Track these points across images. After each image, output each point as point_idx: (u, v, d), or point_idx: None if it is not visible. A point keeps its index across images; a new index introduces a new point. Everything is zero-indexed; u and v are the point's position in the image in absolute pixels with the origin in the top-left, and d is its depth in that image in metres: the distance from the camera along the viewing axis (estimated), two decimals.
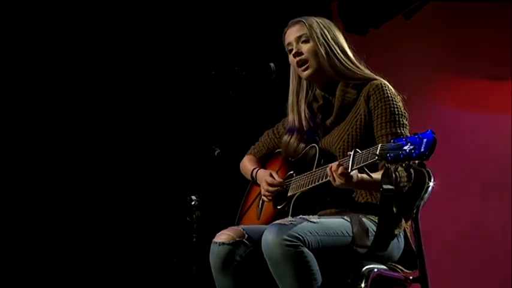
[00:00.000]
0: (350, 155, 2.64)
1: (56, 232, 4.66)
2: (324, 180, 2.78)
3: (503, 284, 4.38)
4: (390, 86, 2.95)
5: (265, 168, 3.26)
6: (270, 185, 3.06)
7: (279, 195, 3.06)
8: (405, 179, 2.82)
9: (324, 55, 2.96)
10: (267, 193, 3.08)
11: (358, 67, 2.99)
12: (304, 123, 3.06)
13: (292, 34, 3.02)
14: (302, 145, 3.05)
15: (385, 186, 2.64)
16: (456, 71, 4.63)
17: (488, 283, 4.43)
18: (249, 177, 3.28)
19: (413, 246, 2.95)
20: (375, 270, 2.79)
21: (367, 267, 2.78)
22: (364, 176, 2.70)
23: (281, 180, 3.06)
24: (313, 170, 2.89)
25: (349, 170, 2.64)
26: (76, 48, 4.75)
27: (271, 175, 3.10)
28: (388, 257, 2.87)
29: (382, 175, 2.67)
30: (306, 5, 4.62)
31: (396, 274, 2.91)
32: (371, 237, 2.80)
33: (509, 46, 4.46)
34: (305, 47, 2.99)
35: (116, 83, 4.82)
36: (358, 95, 2.96)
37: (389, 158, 2.43)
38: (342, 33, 3.06)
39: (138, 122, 4.84)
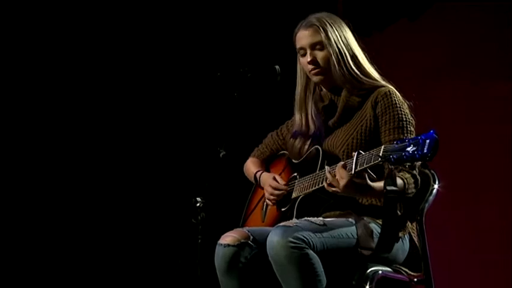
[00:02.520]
0: (353, 156, 2.65)
1: (62, 233, 4.67)
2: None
3: (504, 284, 4.39)
4: (398, 93, 2.96)
5: (269, 171, 3.27)
6: (274, 188, 3.07)
7: (283, 197, 3.07)
8: (413, 185, 2.82)
9: (336, 64, 2.95)
10: (271, 197, 3.08)
11: (366, 74, 2.98)
12: (310, 122, 3.06)
13: (305, 38, 2.99)
14: (306, 147, 3.06)
15: (388, 188, 2.65)
16: (460, 74, 4.62)
17: (489, 284, 4.43)
18: (252, 180, 3.29)
19: (418, 248, 2.96)
20: (380, 272, 2.80)
21: (371, 269, 2.78)
22: (369, 181, 2.70)
23: (284, 184, 3.07)
24: (317, 171, 2.90)
25: (353, 172, 2.65)
26: (79, 49, 4.76)
27: (274, 179, 3.10)
28: (393, 259, 2.88)
29: (386, 177, 2.68)
30: (311, 5, 4.63)
31: (401, 276, 2.91)
32: (376, 240, 2.80)
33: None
34: (320, 55, 2.97)
35: (121, 85, 4.82)
36: (364, 99, 2.96)
37: (392, 159, 2.44)
38: (351, 31, 3.05)
39: (143, 124, 4.84)
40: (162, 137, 4.83)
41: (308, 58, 2.98)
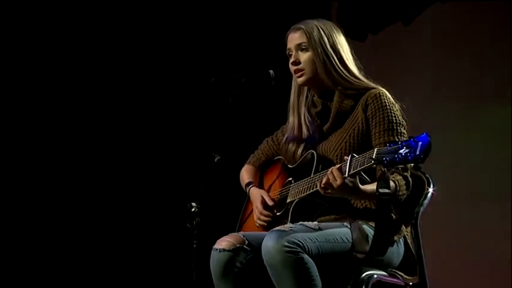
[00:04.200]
0: (347, 159, 2.66)
1: (58, 236, 4.68)
2: None
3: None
4: (388, 95, 2.95)
5: (264, 176, 3.28)
6: (260, 213, 3.07)
7: (278, 201, 3.08)
8: (404, 187, 2.81)
9: (322, 65, 2.96)
10: (259, 221, 3.09)
11: (356, 77, 2.99)
12: (303, 126, 3.06)
13: (292, 41, 3.02)
14: (300, 151, 3.06)
15: (381, 190, 2.64)
16: (456, 76, 4.63)
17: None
18: (245, 190, 3.30)
19: (413, 252, 2.96)
20: (375, 276, 2.79)
21: (366, 273, 2.78)
22: (359, 184, 2.71)
23: (280, 189, 3.06)
24: (311, 176, 2.90)
25: (346, 175, 2.65)
26: (76, 51, 4.77)
27: (262, 201, 3.09)
28: (388, 263, 2.88)
29: (378, 179, 2.68)
30: (305, 6, 4.65)
31: (396, 280, 2.91)
32: (370, 243, 2.80)
33: (509, 47, 4.46)
34: (303, 56, 2.99)
35: (116, 90, 4.83)
36: (355, 103, 2.97)
37: (385, 161, 2.44)
38: (344, 36, 3.06)
39: (138, 128, 4.85)
40: (157, 142, 4.84)
41: (291, 60, 3.00)
